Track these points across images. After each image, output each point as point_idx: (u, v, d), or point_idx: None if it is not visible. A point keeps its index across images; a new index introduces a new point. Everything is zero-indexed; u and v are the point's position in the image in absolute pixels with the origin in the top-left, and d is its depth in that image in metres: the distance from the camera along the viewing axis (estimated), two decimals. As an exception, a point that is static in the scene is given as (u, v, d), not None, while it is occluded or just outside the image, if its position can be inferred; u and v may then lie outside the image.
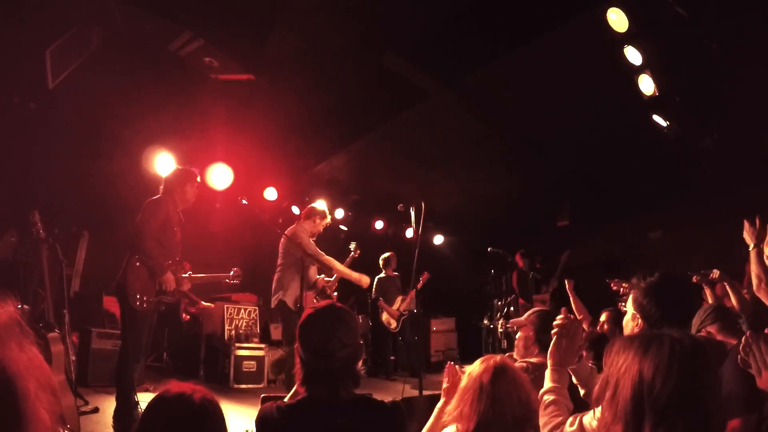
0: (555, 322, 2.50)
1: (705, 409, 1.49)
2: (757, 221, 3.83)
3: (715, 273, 4.73)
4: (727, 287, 4.59)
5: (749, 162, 7.79)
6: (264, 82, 7.18)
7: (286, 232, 6.32)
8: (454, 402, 2.58)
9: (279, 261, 6.42)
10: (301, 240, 6.18)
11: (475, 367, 2.59)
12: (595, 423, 2.04)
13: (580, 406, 2.45)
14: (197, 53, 6.45)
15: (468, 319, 11.41)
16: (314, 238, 6.51)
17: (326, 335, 2.22)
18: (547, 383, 2.41)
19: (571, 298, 6.01)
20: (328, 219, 6.70)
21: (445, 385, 3.04)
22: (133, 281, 4.92)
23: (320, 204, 7.10)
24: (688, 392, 1.47)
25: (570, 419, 2.22)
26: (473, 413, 2.42)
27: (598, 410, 1.65)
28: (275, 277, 6.37)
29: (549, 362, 2.45)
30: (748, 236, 3.80)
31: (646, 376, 1.49)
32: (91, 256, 8.23)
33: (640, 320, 2.56)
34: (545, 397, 2.36)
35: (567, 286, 6.19)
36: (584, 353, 2.86)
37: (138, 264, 4.98)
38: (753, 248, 3.74)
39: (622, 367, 1.57)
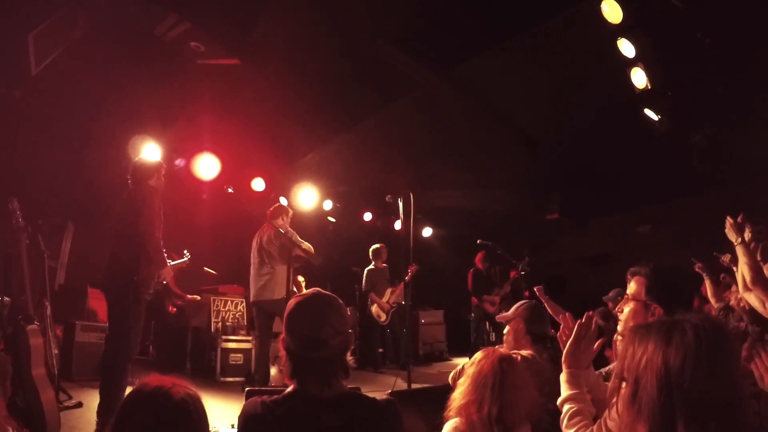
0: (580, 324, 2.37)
1: (737, 396, 1.36)
2: (740, 217, 3.78)
3: (727, 257, 4.68)
4: (736, 272, 4.54)
5: (740, 158, 7.78)
6: (252, 69, 7.08)
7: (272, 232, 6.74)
8: (460, 392, 2.53)
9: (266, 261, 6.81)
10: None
11: (481, 359, 2.56)
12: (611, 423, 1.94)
13: None
14: (183, 37, 6.33)
15: (456, 311, 11.38)
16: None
17: (318, 323, 2.11)
18: (566, 391, 2.27)
19: (544, 303, 5.77)
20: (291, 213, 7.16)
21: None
22: (146, 275, 4.83)
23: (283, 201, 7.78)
24: (720, 380, 1.34)
25: (595, 428, 2.09)
26: (485, 402, 2.42)
27: (613, 411, 1.53)
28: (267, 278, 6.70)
29: (564, 366, 2.32)
30: (731, 232, 3.76)
31: (673, 368, 1.35)
32: (76, 247, 8.10)
33: (657, 309, 2.46)
34: (566, 407, 2.22)
35: (537, 293, 5.96)
36: None
37: (147, 256, 4.86)
38: (739, 243, 3.69)
39: (641, 360, 1.41)
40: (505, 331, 3.84)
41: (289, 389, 2.16)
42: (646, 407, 1.37)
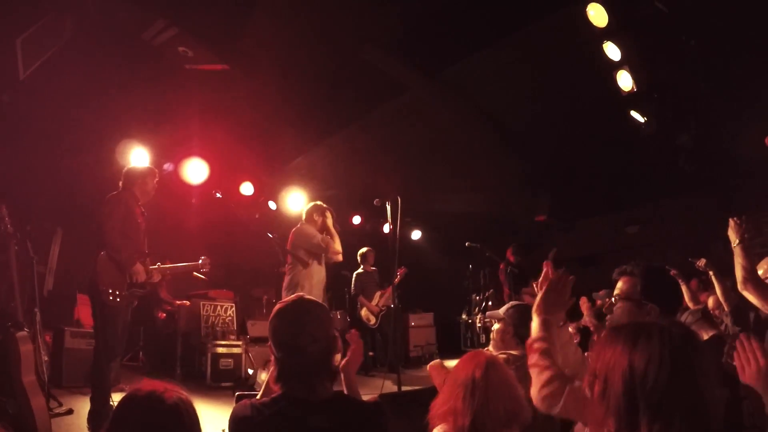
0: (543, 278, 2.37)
1: (701, 399, 1.43)
2: (742, 219, 3.81)
3: (702, 261, 4.74)
4: (712, 276, 4.59)
5: (725, 159, 7.86)
6: (240, 74, 7.07)
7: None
8: (441, 398, 2.54)
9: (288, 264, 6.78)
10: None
11: (463, 365, 2.56)
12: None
13: None
14: (171, 42, 6.31)
15: (446, 314, 11.41)
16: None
17: (296, 330, 2.15)
18: (536, 332, 2.25)
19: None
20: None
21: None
22: (104, 276, 4.85)
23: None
24: (683, 383, 1.41)
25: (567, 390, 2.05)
26: (467, 408, 2.39)
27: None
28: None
29: (535, 315, 2.31)
30: (732, 233, 3.78)
31: (637, 369, 1.43)
32: (65, 253, 8.06)
33: (654, 309, 2.46)
34: (536, 345, 2.21)
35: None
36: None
37: (106, 259, 4.92)
38: (738, 244, 3.71)
39: (610, 360, 1.50)
40: (494, 329, 3.82)
41: (277, 393, 2.19)
42: (613, 405, 1.46)
